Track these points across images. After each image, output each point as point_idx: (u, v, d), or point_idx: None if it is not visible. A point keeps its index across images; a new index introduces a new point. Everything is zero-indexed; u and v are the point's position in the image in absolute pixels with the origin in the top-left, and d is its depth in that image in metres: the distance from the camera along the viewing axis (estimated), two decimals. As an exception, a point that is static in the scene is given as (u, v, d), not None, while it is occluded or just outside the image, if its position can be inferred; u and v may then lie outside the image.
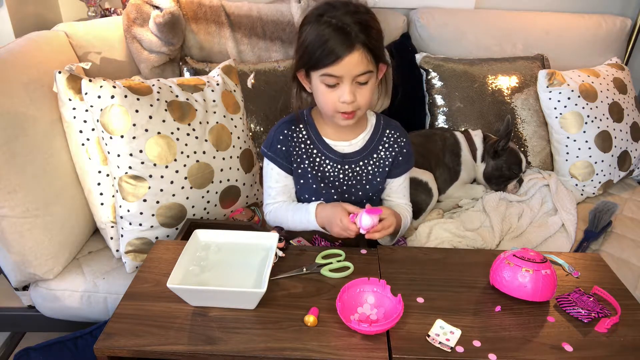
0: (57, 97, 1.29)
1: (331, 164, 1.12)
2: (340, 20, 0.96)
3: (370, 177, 1.14)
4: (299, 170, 1.12)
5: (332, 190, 1.13)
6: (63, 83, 1.26)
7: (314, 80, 1.03)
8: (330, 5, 0.99)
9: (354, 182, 1.14)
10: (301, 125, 1.12)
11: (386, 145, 1.15)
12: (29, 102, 1.25)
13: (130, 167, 1.24)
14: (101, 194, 1.32)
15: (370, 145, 1.14)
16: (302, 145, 1.12)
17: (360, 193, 1.15)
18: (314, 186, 1.12)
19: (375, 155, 1.14)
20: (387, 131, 1.15)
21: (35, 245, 1.23)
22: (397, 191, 1.19)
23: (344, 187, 1.14)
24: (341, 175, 1.13)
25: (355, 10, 0.98)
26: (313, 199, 1.14)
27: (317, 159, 1.12)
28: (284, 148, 1.11)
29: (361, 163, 1.13)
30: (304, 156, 1.11)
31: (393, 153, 1.15)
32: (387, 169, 1.15)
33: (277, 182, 1.14)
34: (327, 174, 1.12)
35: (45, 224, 1.24)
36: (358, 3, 1.01)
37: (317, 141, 1.12)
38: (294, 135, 1.12)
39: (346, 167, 1.13)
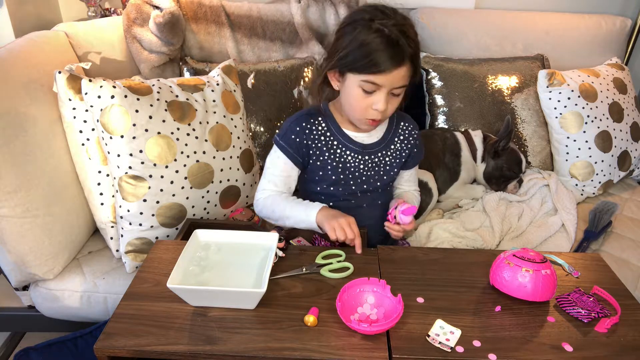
0: (57, 97, 1.29)
1: (352, 154, 1.14)
2: (392, 32, 0.96)
3: (387, 167, 1.18)
4: (318, 163, 1.13)
5: (352, 182, 1.15)
6: (63, 83, 1.26)
7: (349, 82, 1.03)
8: (379, 11, 0.99)
9: (372, 172, 1.16)
10: (320, 119, 1.13)
11: (401, 138, 1.18)
12: (29, 102, 1.25)
13: (130, 167, 1.24)
14: (101, 194, 1.32)
15: (388, 136, 1.17)
16: (322, 138, 1.12)
17: (378, 183, 1.18)
18: (333, 177, 1.14)
19: (392, 147, 1.17)
20: (402, 124, 1.19)
21: (35, 245, 1.23)
22: (408, 180, 1.25)
23: (363, 178, 1.16)
24: (361, 166, 1.15)
25: (402, 23, 0.99)
26: (331, 189, 1.16)
27: (338, 151, 1.13)
28: (297, 139, 1.11)
29: (379, 154, 1.16)
30: (324, 148, 1.12)
31: (409, 145, 1.19)
32: (403, 160, 1.19)
33: (282, 172, 1.14)
34: (348, 164, 1.14)
35: (45, 224, 1.24)
36: (402, 13, 1.02)
37: (338, 133, 1.13)
38: (313, 128, 1.12)
39: (366, 157, 1.15)
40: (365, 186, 1.17)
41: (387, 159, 1.17)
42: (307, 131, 1.11)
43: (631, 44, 2.05)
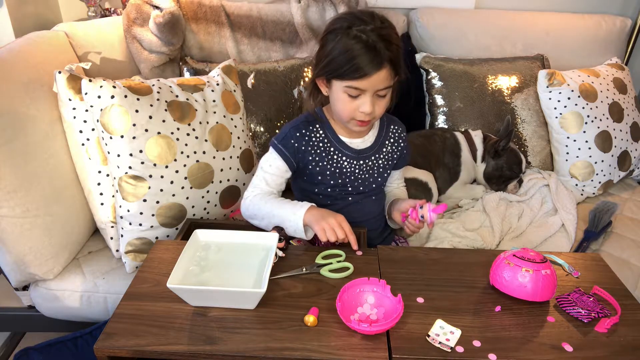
0: (57, 97, 1.29)
1: (348, 160, 1.16)
2: (370, 37, 0.98)
3: (381, 170, 1.20)
4: (317, 169, 1.15)
5: (348, 185, 1.18)
6: (63, 83, 1.26)
7: (335, 88, 1.06)
8: (357, 18, 1.01)
9: (367, 175, 1.19)
10: (317, 126, 1.15)
11: (391, 140, 1.21)
12: (29, 102, 1.25)
13: (130, 167, 1.24)
14: (101, 194, 1.32)
15: (379, 140, 1.19)
16: (320, 145, 1.14)
17: (373, 185, 1.21)
18: (332, 182, 1.16)
19: (384, 150, 1.20)
20: (391, 127, 1.22)
21: (35, 245, 1.23)
22: (397, 178, 1.30)
23: (359, 181, 1.18)
24: (357, 170, 1.17)
25: (381, 26, 1.00)
26: (329, 190, 1.18)
27: (335, 157, 1.15)
28: (296, 144, 1.12)
29: (373, 158, 1.18)
30: (323, 154, 1.14)
31: (399, 147, 1.22)
32: (394, 162, 1.23)
33: (276, 172, 1.15)
34: (344, 170, 1.16)
35: (45, 224, 1.24)
36: (381, 17, 1.03)
37: (334, 140, 1.15)
38: (312, 135, 1.14)
39: (361, 162, 1.17)
40: (361, 188, 1.19)
41: (379, 162, 1.19)
42: (306, 138, 1.13)
43: (631, 44, 2.05)
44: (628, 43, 2.04)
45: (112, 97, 1.22)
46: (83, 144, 1.30)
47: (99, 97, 1.21)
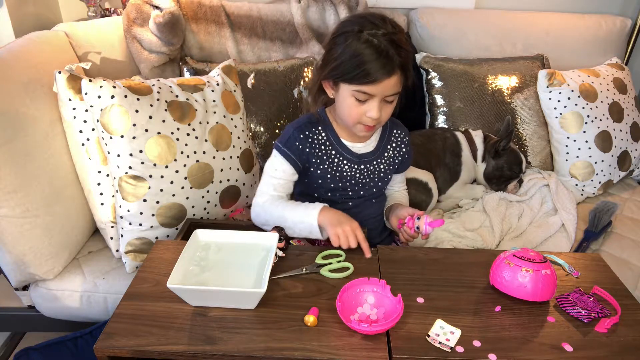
0: (57, 97, 1.29)
1: (349, 164, 1.15)
2: (381, 43, 0.97)
3: (382, 174, 1.20)
4: (318, 171, 1.14)
5: (349, 189, 1.18)
6: (63, 83, 1.26)
7: (342, 91, 1.05)
8: (368, 21, 1.00)
9: (367, 180, 1.18)
10: (320, 128, 1.14)
11: (394, 145, 1.20)
12: (29, 102, 1.25)
13: (130, 167, 1.24)
14: (101, 194, 1.32)
15: (381, 144, 1.19)
16: (322, 147, 1.14)
17: (374, 190, 1.21)
18: (332, 185, 1.16)
19: (386, 154, 1.19)
20: (395, 131, 1.21)
21: (35, 245, 1.23)
22: (399, 182, 1.29)
23: (360, 185, 1.18)
24: (357, 174, 1.17)
25: (392, 31, 0.99)
26: (329, 194, 1.18)
27: (336, 160, 1.15)
28: (300, 146, 1.12)
29: (374, 162, 1.18)
30: (324, 157, 1.14)
31: (401, 152, 1.22)
32: (396, 166, 1.22)
33: (282, 177, 1.14)
34: (345, 173, 1.16)
35: (45, 224, 1.24)
36: (391, 21, 1.02)
37: (336, 143, 1.15)
38: (314, 137, 1.13)
39: (362, 166, 1.17)
40: (361, 192, 1.19)
41: (381, 166, 1.19)
42: (309, 140, 1.12)
43: (631, 44, 2.05)
44: (628, 43, 2.04)
45: (112, 97, 1.22)
46: (83, 144, 1.30)
47: (99, 97, 1.21)
